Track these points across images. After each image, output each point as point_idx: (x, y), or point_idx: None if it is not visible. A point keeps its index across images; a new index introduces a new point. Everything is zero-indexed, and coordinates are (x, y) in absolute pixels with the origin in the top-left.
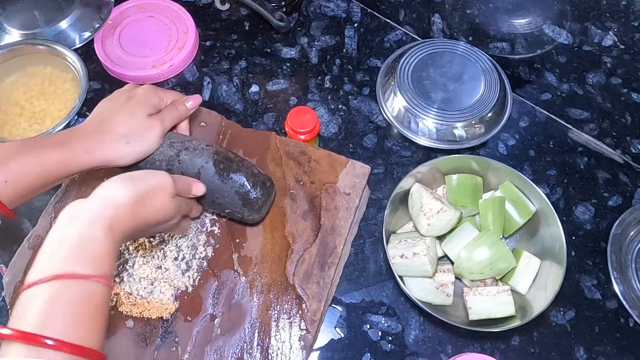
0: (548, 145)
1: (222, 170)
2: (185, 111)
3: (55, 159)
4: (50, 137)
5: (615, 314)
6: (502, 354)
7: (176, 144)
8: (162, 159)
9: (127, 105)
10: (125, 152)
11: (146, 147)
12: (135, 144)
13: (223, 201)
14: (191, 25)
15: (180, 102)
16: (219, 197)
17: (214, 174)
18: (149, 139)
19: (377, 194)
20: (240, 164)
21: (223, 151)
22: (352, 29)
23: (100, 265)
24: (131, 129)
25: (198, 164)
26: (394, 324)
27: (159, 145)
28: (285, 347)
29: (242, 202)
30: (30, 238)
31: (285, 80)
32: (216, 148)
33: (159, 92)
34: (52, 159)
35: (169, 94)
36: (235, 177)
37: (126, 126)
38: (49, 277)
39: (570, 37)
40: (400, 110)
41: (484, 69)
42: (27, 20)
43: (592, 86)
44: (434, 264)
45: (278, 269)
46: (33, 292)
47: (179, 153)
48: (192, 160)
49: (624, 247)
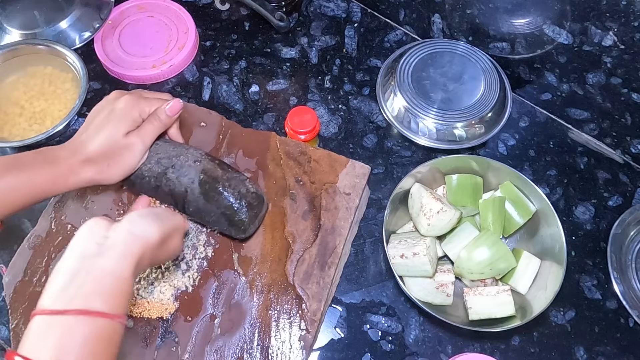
0: (548, 145)
1: (207, 191)
2: (167, 119)
3: (44, 178)
4: (39, 154)
5: (615, 314)
6: (502, 354)
7: (163, 161)
8: (151, 175)
9: (106, 124)
10: (108, 174)
11: (127, 168)
12: (116, 166)
13: (210, 219)
14: (191, 25)
15: (161, 110)
16: (205, 216)
17: (199, 194)
18: (128, 160)
19: (377, 194)
20: (227, 183)
21: (211, 168)
22: (352, 29)
23: (124, 305)
24: (110, 152)
25: (185, 183)
26: (394, 324)
27: (141, 162)
28: (285, 347)
29: (228, 223)
30: (30, 238)
31: (285, 80)
32: (204, 165)
33: (140, 103)
34: (41, 179)
35: (152, 103)
36: (221, 199)
37: (104, 148)
38: (72, 311)
39: (570, 37)
40: (400, 110)
41: (484, 69)
42: (27, 20)
43: (592, 86)
44: (434, 264)
45: (278, 269)
46: (51, 321)
47: (166, 171)
48: (178, 179)
49: (624, 247)
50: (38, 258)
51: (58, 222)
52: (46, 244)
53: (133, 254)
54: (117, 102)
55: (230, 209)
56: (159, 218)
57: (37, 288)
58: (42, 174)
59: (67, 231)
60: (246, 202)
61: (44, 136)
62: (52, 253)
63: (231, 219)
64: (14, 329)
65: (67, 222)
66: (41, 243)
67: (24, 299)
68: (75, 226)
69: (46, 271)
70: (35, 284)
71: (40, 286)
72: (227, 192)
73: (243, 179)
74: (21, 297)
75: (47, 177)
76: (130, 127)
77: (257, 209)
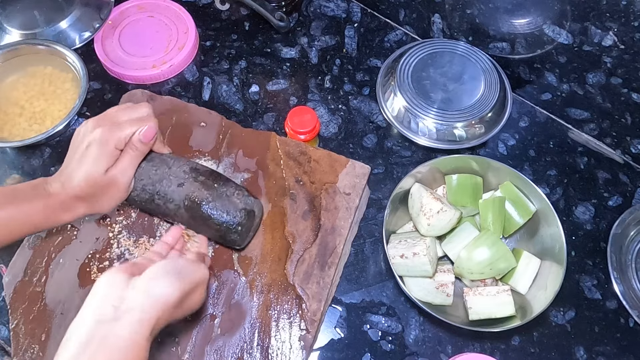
0: (548, 145)
1: (194, 216)
2: (143, 147)
3: (39, 212)
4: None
5: (615, 314)
6: (502, 354)
7: (148, 187)
8: (140, 200)
9: (84, 160)
10: (98, 207)
11: (117, 199)
12: (104, 201)
13: (206, 234)
14: (191, 25)
15: (136, 139)
16: (201, 232)
17: (188, 218)
18: (114, 194)
19: (377, 194)
20: (213, 204)
21: (194, 191)
22: (352, 29)
23: None
24: (94, 190)
25: (172, 209)
26: (394, 324)
27: (128, 192)
28: (285, 347)
29: (223, 240)
30: (30, 238)
31: (285, 80)
32: (187, 188)
33: (114, 133)
34: (36, 212)
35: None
36: (209, 222)
37: (88, 187)
38: None
39: (570, 37)
40: (400, 110)
41: (484, 69)
42: (27, 20)
43: (592, 86)
44: (434, 264)
45: (278, 269)
46: None
47: (152, 198)
48: (166, 205)
49: (624, 247)
50: (38, 258)
51: None
52: (46, 244)
53: (150, 317)
54: (92, 135)
55: (220, 230)
56: (180, 275)
57: (37, 288)
58: (38, 209)
59: (67, 231)
60: (235, 222)
61: (44, 136)
62: (52, 253)
63: (224, 237)
64: (14, 329)
65: None
66: (41, 243)
67: (24, 299)
68: (75, 226)
69: (46, 271)
70: (35, 284)
71: (40, 286)
72: (214, 215)
73: (230, 193)
74: (21, 297)
75: (41, 212)
76: (109, 162)
77: (247, 224)
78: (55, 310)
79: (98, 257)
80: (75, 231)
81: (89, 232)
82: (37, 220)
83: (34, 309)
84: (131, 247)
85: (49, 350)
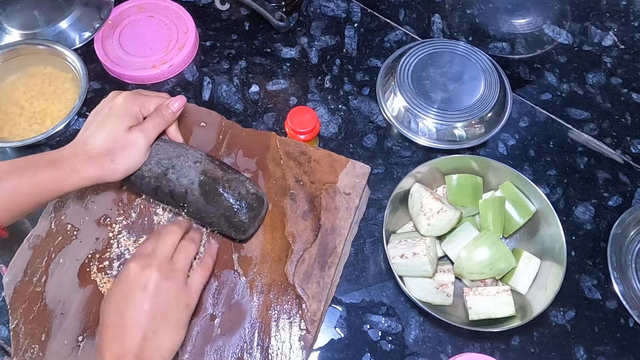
0: (548, 145)
1: (207, 192)
2: (170, 115)
3: (47, 178)
4: (41, 157)
5: (615, 314)
6: (502, 354)
7: (163, 161)
8: (151, 175)
9: (107, 120)
10: (111, 169)
11: (131, 163)
12: (120, 161)
13: (210, 221)
14: (191, 25)
15: (165, 106)
16: (205, 217)
17: (199, 194)
18: (132, 155)
19: (377, 194)
20: (227, 184)
21: (211, 169)
22: (352, 29)
23: None
24: (113, 147)
25: (185, 184)
26: (394, 324)
27: (145, 158)
28: (285, 347)
29: (228, 224)
30: (30, 238)
31: (285, 80)
32: (204, 166)
33: (140, 100)
34: (44, 178)
35: (152, 100)
36: (220, 200)
37: (107, 144)
38: None
39: (570, 37)
40: (400, 110)
41: (484, 69)
42: (27, 20)
43: (592, 86)
44: (434, 264)
45: (278, 269)
46: None
47: (166, 172)
48: (179, 180)
49: (624, 247)
50: (38, 258)
51: (58, 222)
52: (46, 244)
53: None
54: (116, 99)
55: (230, 210)
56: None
57: (37, 288)
58: (45, 174)
59: (67, 231)
60: (246, 203)
61: (44, 136)
62: (52, 253)
63: (231, 220)
64: (14, 329)
65: (67, 222)
66: (41, 243)
67: (24, 299)
68: (75, 226)
69: (46, 271)
70: (35, 284)
71: (40, 286)
72: (227, 193)
73: (243, 179)
74: (21, 297)
75: (50, 176)
76: (132, 122)
77: (257, 210)
78: (55, 310)
79: (98, 257)
80: (75, 231)
81: (89, 232)
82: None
83: (34, 309)
84: (131, 247)
85: (49, 350)
